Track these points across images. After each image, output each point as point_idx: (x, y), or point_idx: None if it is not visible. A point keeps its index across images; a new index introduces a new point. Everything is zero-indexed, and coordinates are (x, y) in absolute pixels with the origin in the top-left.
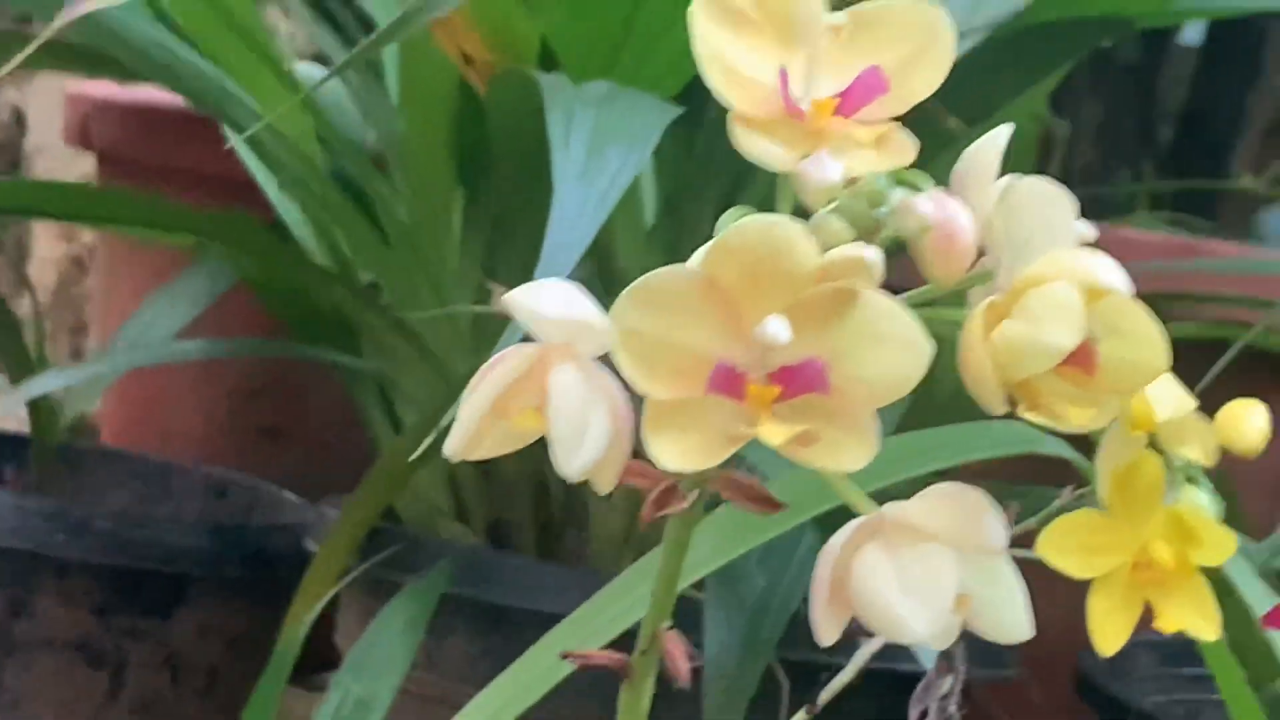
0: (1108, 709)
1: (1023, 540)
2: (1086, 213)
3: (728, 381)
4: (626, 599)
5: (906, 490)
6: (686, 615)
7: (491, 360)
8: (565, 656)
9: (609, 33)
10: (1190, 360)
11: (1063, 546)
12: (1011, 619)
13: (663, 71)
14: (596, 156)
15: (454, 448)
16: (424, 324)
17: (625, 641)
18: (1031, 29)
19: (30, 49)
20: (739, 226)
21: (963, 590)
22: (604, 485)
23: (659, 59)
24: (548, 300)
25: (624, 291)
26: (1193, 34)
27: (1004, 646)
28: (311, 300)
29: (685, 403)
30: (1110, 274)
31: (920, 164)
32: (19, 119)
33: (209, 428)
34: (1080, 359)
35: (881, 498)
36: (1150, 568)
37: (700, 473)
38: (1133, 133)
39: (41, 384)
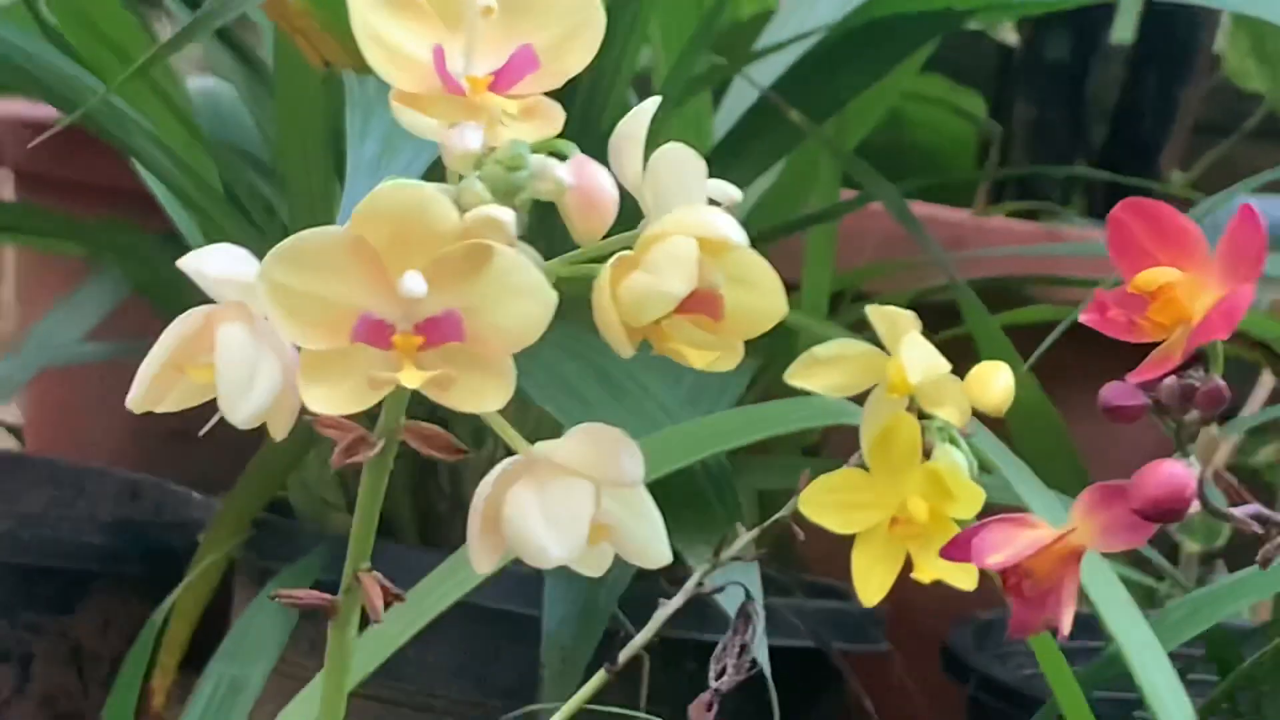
0: (975, 684)
1: None
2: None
3: (373, 332)
4: (460, 574)
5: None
6: None
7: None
8: (273, 598)
9: None
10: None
11: (823, 504)
12: (652, 546)
13: None
14: (389, 153)
15: (133, 400)
16: None
17: (457, 611)
18: (870, 25)
19: None
20: (382, 190)
21: (607, 521)
22: (278, 432)
23: None
24: (212, 262)
25: (272, 250)
26: (1124, 32)
27: (873, 621)
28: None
29: (336, 352)
30: (728, 228)
31: (771, 157)
32: None
33: (121, 432)
34: (707, 306)
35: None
36: (909, 522)
37: (388, 421)
38: (1065, 131)
39: None
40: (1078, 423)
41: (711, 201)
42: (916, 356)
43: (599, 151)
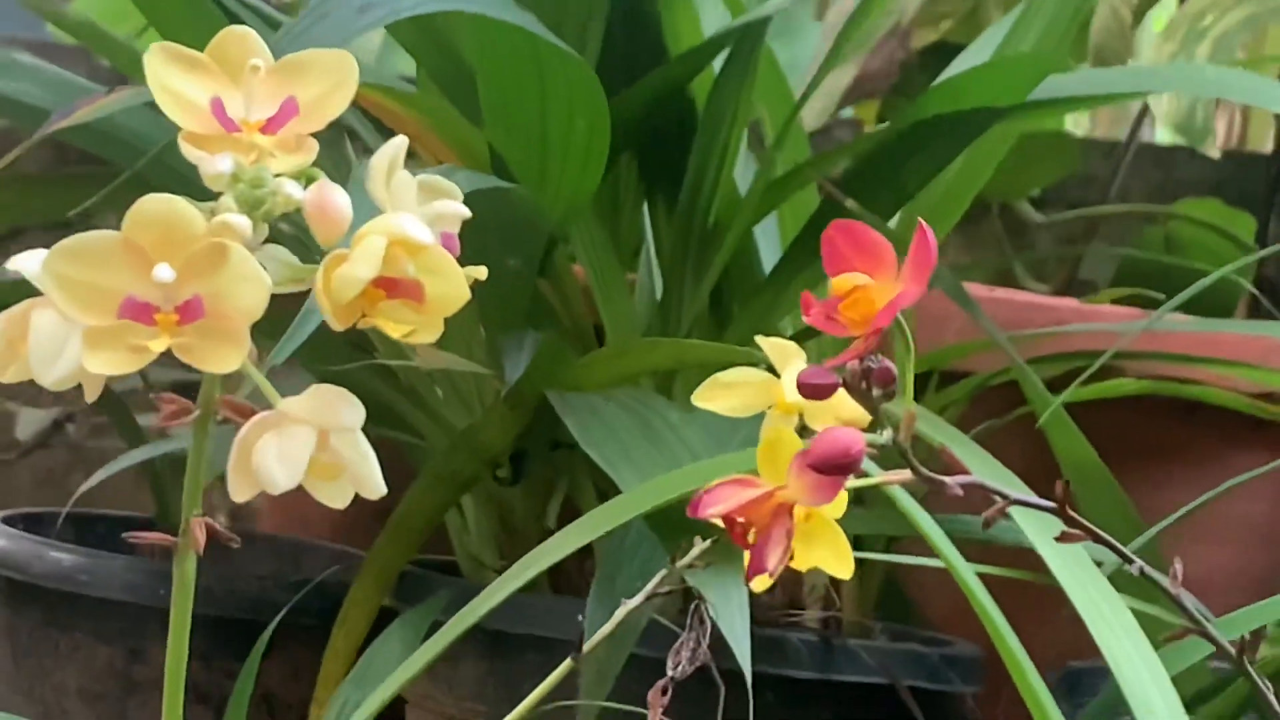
0: None
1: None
2: None
3: (138, 311)
4: (496, 596)
5: None
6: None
7: None
8: (126, 536)
9: (529, 143)
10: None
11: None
12: (368, 479)
13: (578, 169)
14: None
15: None
16: (430, 391)
17: (521, 643)
18: (922, 123)
19: None
20: (145, 200)
21: (339, 460)
22: (90, 395)
23: (572, 161)
24: (27, 262)
25: (54, 246)
26: None
27: (960, 664)
28: (372, 388)
29: (111, 327)
30: (416, 230)
31: None
32: None
33: (337, 512)
34: (411, 293)
35: None
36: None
37: (206, 394)
38: None
39: (147, 451)
40: (1155, 489)
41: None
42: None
43: (705, 228)
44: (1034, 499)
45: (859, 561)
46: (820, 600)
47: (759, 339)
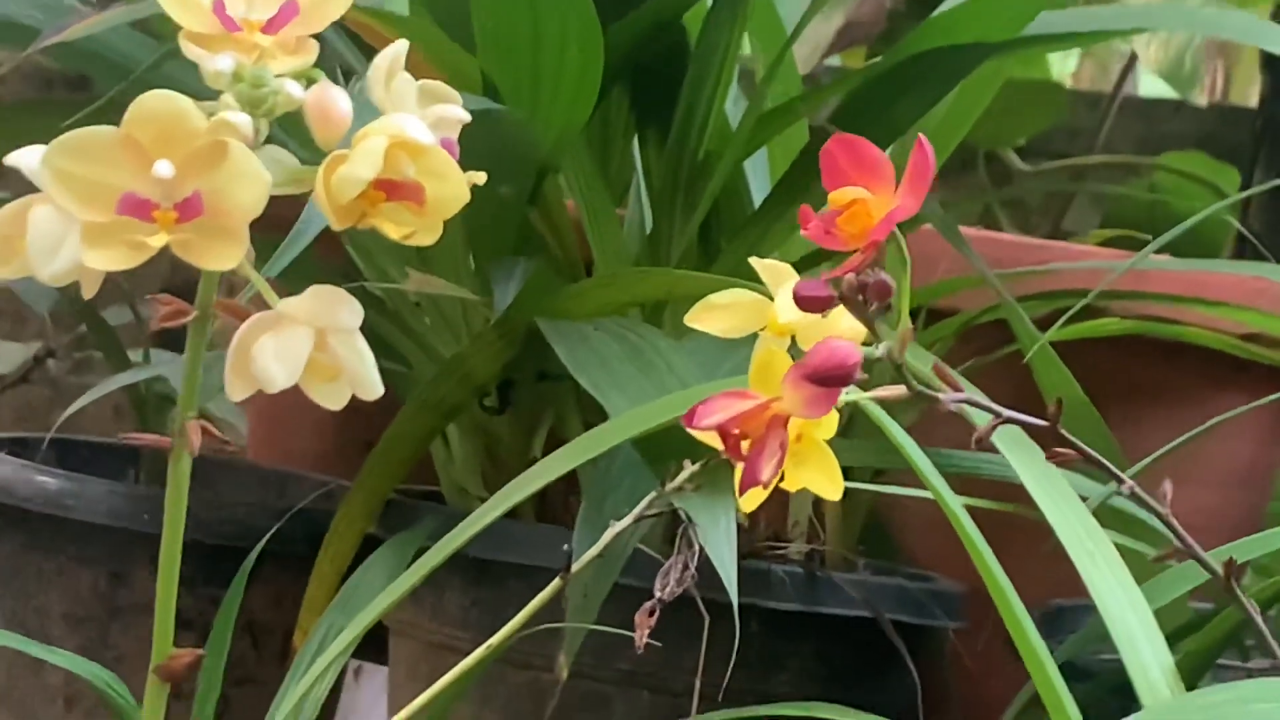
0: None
1: None
2: None
3: (137, 207)
4: (480, 521)
5: None
6: None
7: None
8: (123, 438)
9: (520, 71)
10: (1122, 353)
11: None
12: (368, 381)
13: (570, 98)
14: None
15: None
16: (417, 319)
17: (505, 570)
18: (915, 57)
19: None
20: (146, 96)
21: (335, 361)
22: (87, 291)
23: (564, 90)
24: (25, 157)
25: (53, 142)
26: None
27: (944, 600)
28: None
29: (110, 223)
30: (418, 131)
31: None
32: None
33: (322, 443)
34: (412, 194)
35: None
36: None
37: (204, 297)
38: None
39: (132, 375)
40: (1139, 429)
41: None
42: (790, 302)
43: (695, 161)
44: (1026, 418)
45: (844, 494)
46: (804, 534)
47: (752, 260)
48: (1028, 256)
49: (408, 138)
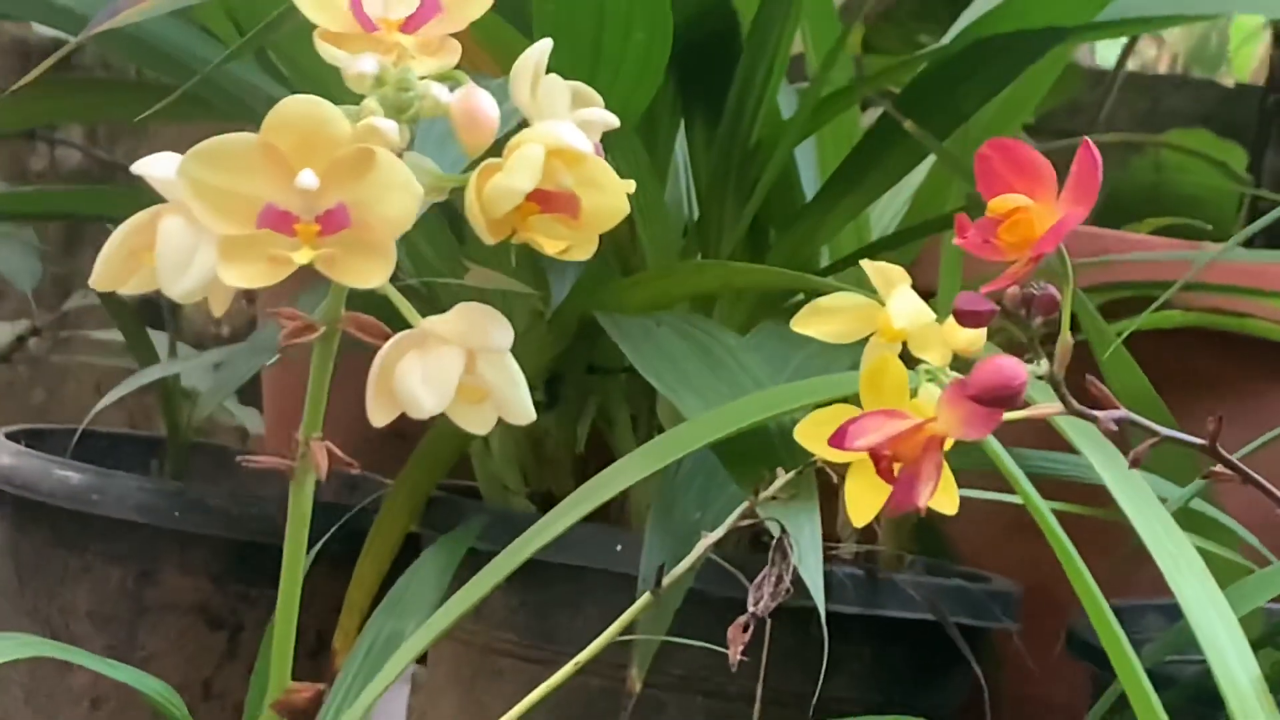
0: (1100, 663)
1: None
2: None
3: (278, 220)
4: (556, 526)
5: None
6: None
7: None
8: (239, 459)
9: (580, 53)
10: (1181, 344)
11: (817, 435)
12: (519, 404)
13: (631, 85)
14: None
15: (95, 279)
16: None
17: (553, 572)
18: (982, 42)
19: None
20: (286, 102)
21: (484, 384)
22: (217, 309)
23: (625, 77)
24: (158, 166)
25: (191, 150)
26: None
27: (1000, 600)
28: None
29: (248, 237)
30: (576, 138)
31: (903, 166)
32: None
33: (348, 433)
34: (567, 207)
35: None
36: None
37: (331, 311)
38: None
39: (157, 370)
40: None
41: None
42: (903, 306)
43: (746, 149)
44: (1185, 436)
45: None
46: (855, 533)
47: (864, 263)
48: (1083, 245)
49: (566, 145)
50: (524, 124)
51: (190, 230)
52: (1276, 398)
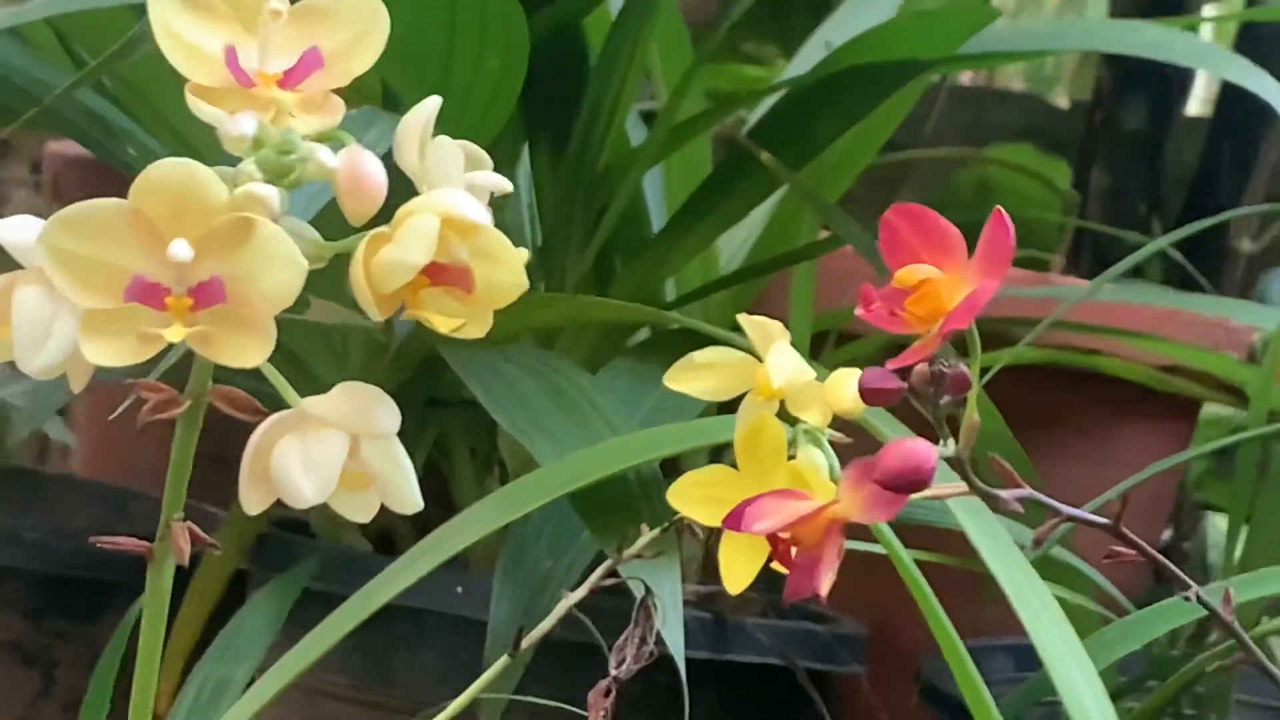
0: (948, 711)
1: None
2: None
3: (147, 293)
4: (406, 575)
5: None
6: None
7: None
8: (95, 541)
9: (428, 82)
10: (1031, 380)
11: (693, 498)
12: (405, 493)
13: (481, 114)
14: None
15: None
16: (296, 341)
17: (390, 613)
18: (840, 74)
19: None
20: (158, 165)
21: (369, 469)
22: (76, 384)
23: (475, 105)
24: (13, 231)
25: (53, 216)
26: (1200, 106)
27: (849, 643)
28: None
29: (115, 311)
30: (472, 209)
31: (755, 197)
32: None
33: (164, 457)
34: (460, 280)
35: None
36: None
37: (197, 385)
38: (1141, 198)
39: None
40: (1045, 458)
41: (490, 196)
42: (781, 363)
43: (594, 175)
44: (1088, 515)
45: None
46: (699, 572)
47: (740, 317)
48: None
49: (461, 216)
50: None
51: (49, 300)
52: (1124, 434)
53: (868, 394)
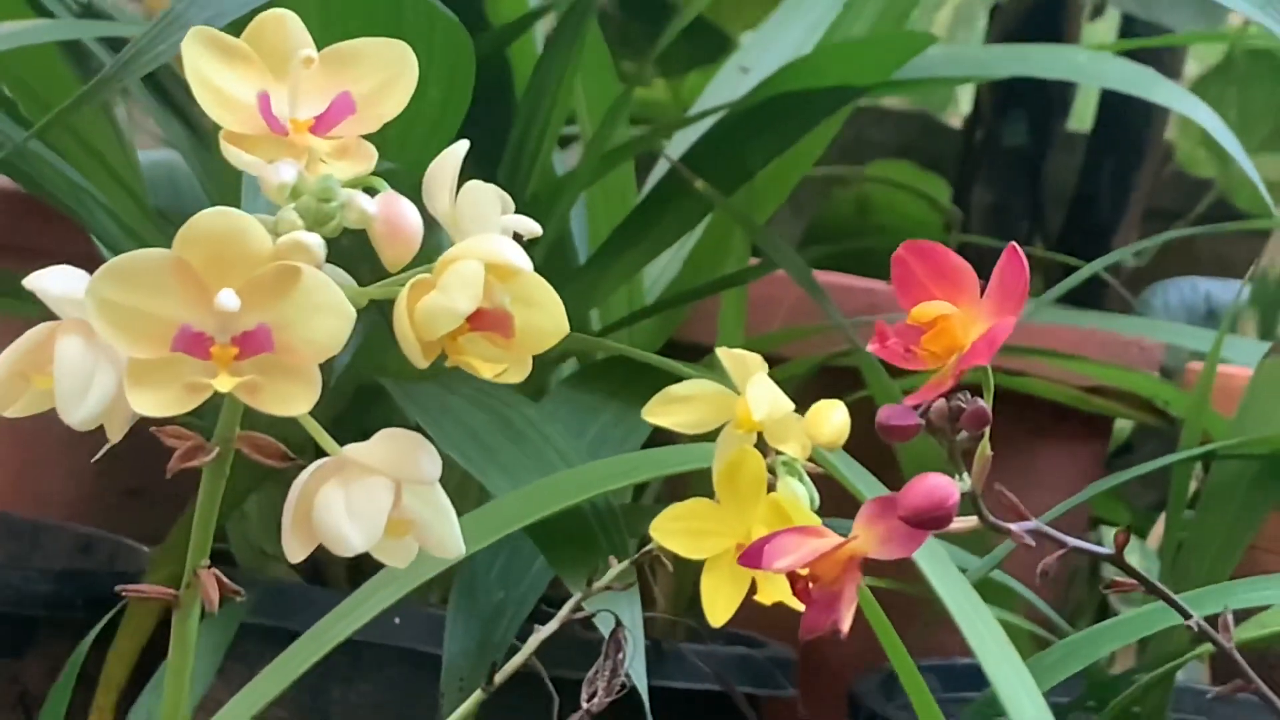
0: None
1: None
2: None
3: (192, 343)
4: (356, 612)
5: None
6: None
7: None
8: (119, 590)
9: None
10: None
11: (672, 531)
12: (448, 539)
13: (419, 147)
14: None
15: None
16: None
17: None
18: (773, 100)
19: None
20: (201, 216)
21: (409, 516)
22: (114, 434)
23: (415, 138)
24: (53, 281)
25: (100, 268)
26: (1081, 122)
27: (783, 668)
28: None
29: (160, 361)
30: (513, 254)
31: (686, 223)
32: None
33: (79, 490)
34: (499, 325)
35: None
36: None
37: (224, 430)
38: (1022, 215)
39: None
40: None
41: (516, 236)
42: (761, 395)
43: (522, 204)
44: (1090, 545)
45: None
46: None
47: (720, 351)
48: (855, 300)
49: (505, 262)
50: None
51: (90, 350)
52: (1038, 451)
53: (887, 430)
